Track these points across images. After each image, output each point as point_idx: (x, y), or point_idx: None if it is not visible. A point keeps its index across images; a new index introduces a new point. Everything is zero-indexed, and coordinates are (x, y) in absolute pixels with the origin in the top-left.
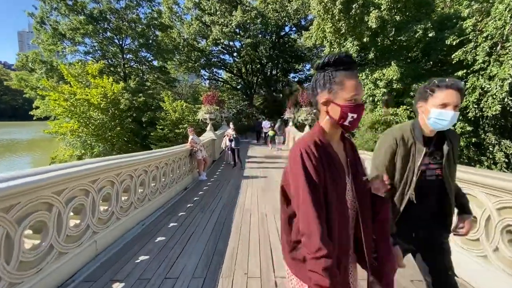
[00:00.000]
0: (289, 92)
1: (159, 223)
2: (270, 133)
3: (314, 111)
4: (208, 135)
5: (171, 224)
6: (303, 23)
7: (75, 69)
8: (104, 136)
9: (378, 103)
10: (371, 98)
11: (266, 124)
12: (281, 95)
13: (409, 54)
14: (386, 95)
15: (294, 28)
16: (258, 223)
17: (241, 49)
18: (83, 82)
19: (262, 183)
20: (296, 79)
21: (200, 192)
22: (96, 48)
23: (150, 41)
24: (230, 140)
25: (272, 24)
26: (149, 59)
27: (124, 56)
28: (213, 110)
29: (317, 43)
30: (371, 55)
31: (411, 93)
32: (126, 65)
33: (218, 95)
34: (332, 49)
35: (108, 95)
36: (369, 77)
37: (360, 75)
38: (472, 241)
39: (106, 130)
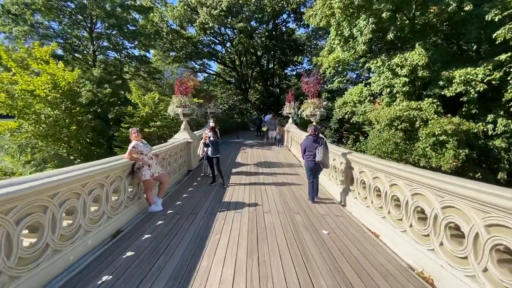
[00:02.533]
0: (286, 86)
1: None
2: (264, 129)
3: (325, 103)
4: (181, 136)
5: None
6: (302, 9)
7: (21, 53)
8: (58, 136)
9: (397, 95)
10: (388, 90)
11: (267, 118)
12: (278, 90)
13: (438, 34)
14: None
15: (292, 15)
16: None
17: (234, 36)
18: (31, 69)
19: (253, 222)
20: (294, 73)
21: (137, 244)
22: (57, 31)
23: (123, 23)
24: (206, 145)
25: (268, 10)
26: (127, 46)
27: (94, 41)
28: (188, 102)
29: (321, 23)
30: (389, 36)
31: (440, 83)
32: (98, 52)
33: (195, 83)
34: (338, 33)
35: (61, 84)
36: (386, 64)
37: (375, 61)
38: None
39: (61, 129)
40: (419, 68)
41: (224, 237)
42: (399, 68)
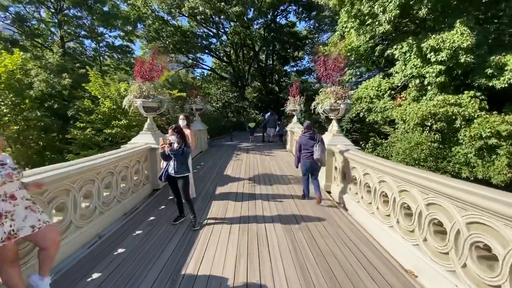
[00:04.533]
0: (286, 84)
1: None
2: (251, 124)
3: (352, 92)
4: (142, 140)
5: None
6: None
7: None
8: None
9: (428, 87)
10: (416, 81)
11: (267, 115)
12: (277, 88)
13: (484, 10)
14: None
15: (293, 5)
16: None
17: (229, 27)
18: None
19: None
20: (294, 69)
21: None
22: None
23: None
24: (165, 157)
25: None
26: (106, 34)
27: (63, 25)
28: (153, 91)
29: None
30: (422, 12)
31: (488, 70)
32: (67, 39)
33: (165, 63)
34: (352, 15)
35: None
36: (414, 49)
37: (399, 46)
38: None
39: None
40: (460, 52)
41: None
42: (432, 53)
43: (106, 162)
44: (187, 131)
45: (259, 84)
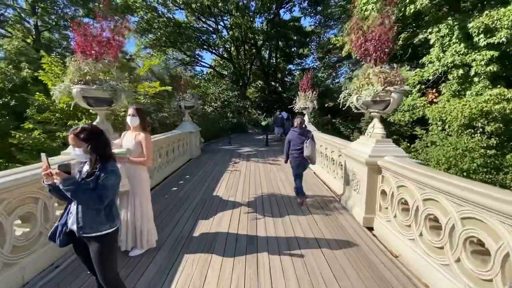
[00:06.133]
0: (290, 84)
1: None
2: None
3: (411, 73)
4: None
5: None
6: None
7: None
8: None
9: (475, 78)
10: (460, 71)
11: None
12: (280, 87)
13: None
14: None
15: None
16: None
17: (229, 19)
18: None
19: None
20: (299, 68)
21: None
22: None
23: None
24: (59, 195)
25: None
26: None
27: (37, 11)
28: (101, 74)
29: None
30: None
31: None
32: (43, 28)
33: (126, 28)
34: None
35: None
36: (456, 31)
37: (435, 29)
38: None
39: None
40: None
41: None
42: (481, 35)
43: None
44: (139, 137)
45: (261, 82)
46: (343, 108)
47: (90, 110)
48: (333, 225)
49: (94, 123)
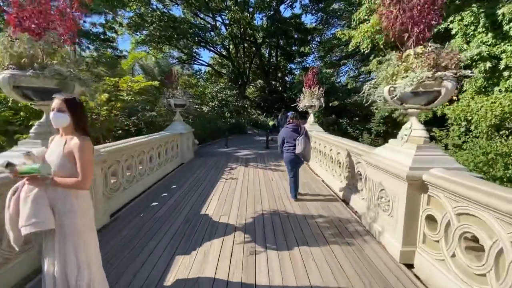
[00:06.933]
0: (290, 84)
1: None
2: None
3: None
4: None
5: None
6: None
7: None
8: None
9: (505, 72)
10: (487, 64)
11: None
12: (280, 87)
13: None
14: None
15: None
16: None
17: (227, 14)
18: None
19: None
20: (300, 67)
21: None
22: None
23: None
24: None
25: None
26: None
27: None
28: (41, 54)
29: None
30: None
31: None
32: None
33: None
34: None
35: None
36: (483, 20)
37: (458, 17)
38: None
39: None
40: None
41: None
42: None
43: None
44: (71, 143)
45: (261, 81)
46: (365, 104)
47: (31, 105)
48: (358, 260)
49: (36, 124)
